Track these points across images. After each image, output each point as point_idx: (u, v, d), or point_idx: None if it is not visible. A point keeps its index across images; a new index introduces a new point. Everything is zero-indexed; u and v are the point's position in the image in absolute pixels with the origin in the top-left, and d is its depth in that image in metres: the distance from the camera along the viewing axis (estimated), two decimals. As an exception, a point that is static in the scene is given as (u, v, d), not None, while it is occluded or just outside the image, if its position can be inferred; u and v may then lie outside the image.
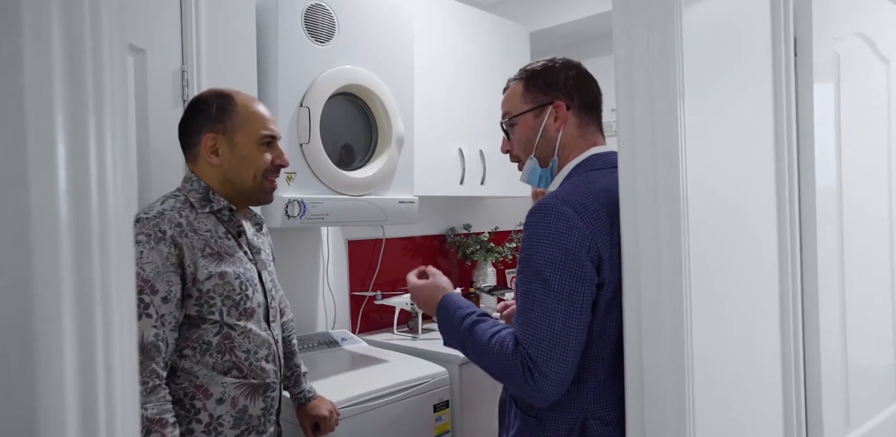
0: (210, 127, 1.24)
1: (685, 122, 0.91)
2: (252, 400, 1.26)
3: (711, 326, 0.97)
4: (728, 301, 1.03)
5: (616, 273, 1.00)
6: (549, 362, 0.96)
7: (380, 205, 1.96)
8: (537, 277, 0.99)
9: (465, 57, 2.49)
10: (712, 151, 1.00)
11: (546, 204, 1.02)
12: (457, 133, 2.45)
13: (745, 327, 1.08)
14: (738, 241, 1.07)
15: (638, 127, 0.94)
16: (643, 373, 0.94)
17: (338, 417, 1.60)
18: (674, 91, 0.89)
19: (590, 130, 1.15)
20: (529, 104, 1.15)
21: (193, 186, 1.26)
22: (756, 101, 1.13)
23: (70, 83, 0.37)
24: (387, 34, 1.99)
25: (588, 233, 0.99)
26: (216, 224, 1.25)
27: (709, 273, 0.97)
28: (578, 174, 1.11)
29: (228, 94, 1.27)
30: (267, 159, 1.27)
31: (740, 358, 1.06)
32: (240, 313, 1.23)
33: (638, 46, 0.93)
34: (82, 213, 0.37)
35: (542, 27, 2.84)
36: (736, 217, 1.07)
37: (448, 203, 2.87)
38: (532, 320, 0.98)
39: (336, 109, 1.87)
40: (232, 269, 1.23)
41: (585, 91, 1.15)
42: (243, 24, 1.57)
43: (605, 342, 1.03)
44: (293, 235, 2.26)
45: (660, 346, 0.92)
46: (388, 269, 2.59)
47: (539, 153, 1.16)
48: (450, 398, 1.98)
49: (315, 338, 2.19)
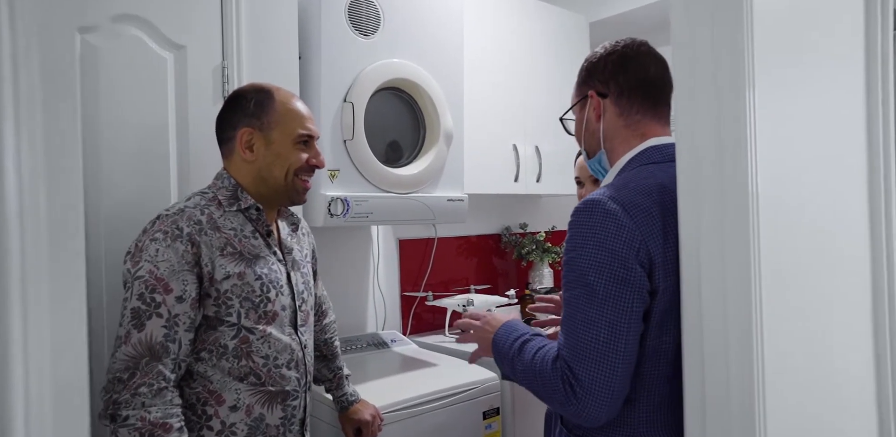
0: (246, 122, 1.20)
1: (755, 114, 0.79)
2: (269, 408, 1.20)
3: (787, 345, 0.84)
4: (808, 317, 0.90)
5: (671, 279, 0.89)
6: (594, 377, 0.86)
7: (427, 203, 1.89)
8: (580, 281, 0.90)
9: (519, 49, 2.39)
10: (790, 145, 0.87)
11: (591, 201, 0.92)
12: (511, 129, 2.36)
13: (830, 348, 0.94)
14: (823, 248, 0.93)
15: (700, 120, 0.82)
16: (705, 399, 0.83)
17: (381, 422, 1.55)
18: (741, 80, 0.77)
19: (635, 118, 1.02)
20: (576, 98, 1.11)
21: (224, 183, 1.23)
22: (845, 87, 0.98)
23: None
24: (435, 26, 1.92)
25: (638, 233, 0.88)
26: (244, 223, 1.21)
27: (783, 285, 0.84)
28: (633, 168, 1.00)
29: (268, 89, 1.23)
30: (302, 158, 1.23)
31: (823, 384, 0.92)
32: (259, 316, 1.18)
33: (700, 31, 0.82)
34: None
35: (602, 17, 2.70)
36: (821, 220, 0.93)
37: (503, 201, 2.78)
38: (574, 330, 0.89)
39: (381, 105, 1.82)
40: (253, 269, 1.18)
41: (627, 73, 1.02)
42: (285, 17, 1.53)
43: (662, 360, 0.92)
44: (342, 233, 2.23)
45: (725, 369, 0.80)
46: (441, 269, 2.52)
47: (586, 146, 1.10)
48: (501, 406, 1.89)
49: (364, 339, 2.15)
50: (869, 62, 1.01)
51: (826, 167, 0.95)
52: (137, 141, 1.31)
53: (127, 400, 1.03)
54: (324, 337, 1.53)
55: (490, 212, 2.73)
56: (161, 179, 1.35)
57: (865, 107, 1.01)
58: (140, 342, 1.05)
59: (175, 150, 1.37)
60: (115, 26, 1.28)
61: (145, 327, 1.06)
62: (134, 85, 1.30)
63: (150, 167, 1.34)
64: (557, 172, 2.50)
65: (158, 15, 1.33)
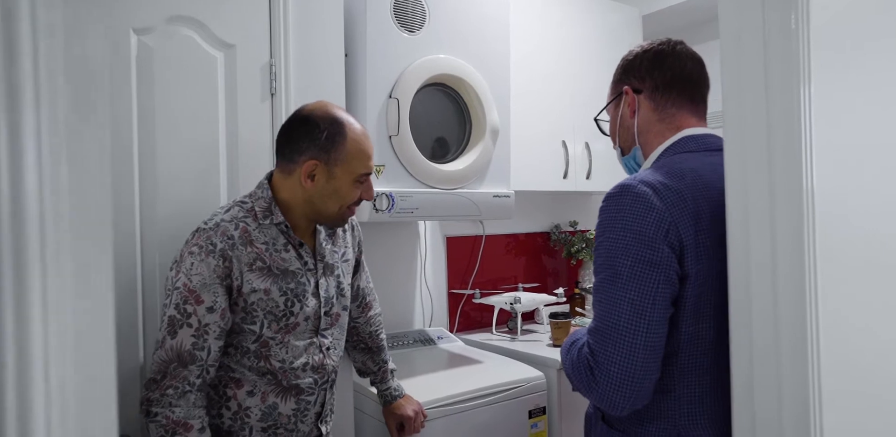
0: (314, 154, 1.21)
1: (811, 109, 0.74)
2: (283, 399, 1.26)
3: (846, 344, 0.79)
4: (873, 310, 0.84)
5: (704, 264, 0.87)
6: (612, 357, 0.85)
7: (473, 199, 1.88)
8: (607, 264, 0.89)
9: (567, 43, 2.35)
10: (855, 140, 0.81)
11: (622, 185, 0.92)
12: (559, 125, 2.33)
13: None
14: (887, 247, 0.87)
15: (749, 115, 0.78)
16: (754, 394, 0.79)
17: (424, 418, 1.55)
18: (796, 72, 0.73)
19: (670, 111, 1.03)
20: (611, 96, 1.12)
21: (262, 194, 1.25)
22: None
23: None
24: (481, 20, 1.91)
25: (668, 215, 0.86)
26: (276, 236, 1.25)
27: (843, 285, 0.78)
28: (668, 156, 0.99)
29: (342, 122, 1.23)
30: (356, 194, 1.26)
31: (890, 394, 0.86)
32: (280, 327, 1.24)
33: (750, 17, 0.78)
34: None
35: (655, 9, 2.62)
36: (887, 219, 0.87)
37: (553, 199, 2.74)
38: (598, 312, 0.89)
39: (427, 100, 1.82)
40: (279, 285, 1.22)
41: (663, 70, 1.03)
42: (331, 15, 1.55)
43: (699, 348, 0.90)
44: (389, 229, 2.25)
45: (776, 361, 0.76)
46: (488, 267, 2.51)
47: (621, 142, 1.10)
48: (547, 405, 1.86)
49: (411, 335, 2.16)
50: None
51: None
52: (189, 138, 1.35)
53: (157, 399, 1.13)
54: (368, 330, 1.54)
55: (539, 210, 2.70)
56: (212, 177, 1.39)
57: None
58: (171, 349, 1.14)
59: (225, 146, 1.40)
60: (169, 27, 1.32)
61: (177, 335, 1.14)
62: (186, 83, 1.35)
63: (202, 164, 1.38)
64: (608, 170, 2.45)
65: (210, 15, 1.37)
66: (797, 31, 0.75)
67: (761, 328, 0.78)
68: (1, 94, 0.32)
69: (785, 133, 0.76)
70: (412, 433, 1.54)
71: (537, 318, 2.50)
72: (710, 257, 0.87)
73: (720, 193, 0.87)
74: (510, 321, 2.36)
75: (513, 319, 2.34)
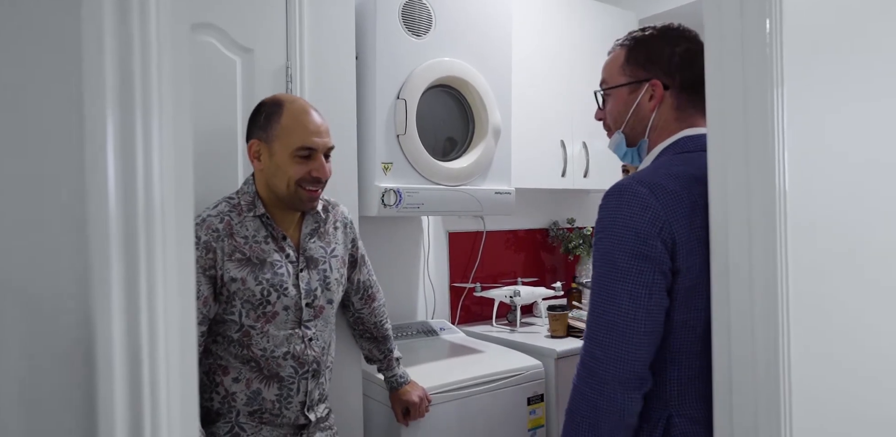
0: (256, 133, 1.31)
1: (784, 111, 0.83)
2: (266, 386, 1.33)
3: (812, 328, 0.88)
4: (834, 304, 0.93)
5: (695, 259, 0.94)
6: (610, 345, 0.92)
7: (476, 195, 1.97)
8: (605, 259, 0.95)
9: (567, 46, 2.44)
10: (826, 142, 0.90)
11: (620, 185, 0.97)
12: (558, 125, 2.41)
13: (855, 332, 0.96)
14: (855, 245, 0.95)
15: (729, 117, 0.86)
16: (732, 374, 0.88)
17: (428, 403, 1.64)
18: (769, 77, 0.81)
19: (689, 112, 1.05)
20: (627, 77, 1.08)
21: (247, 189, 1.34)
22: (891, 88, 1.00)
23: (120, 77, 0.40)
24: (484, 25, 1.99)
25: (663, 214, 0.93)
26: (258, 228, 1.32)
27: (814, 275, 0.87)
28: (666, 156, 1.05)
29: (282, 102, 1.30)
30: (300, 171, 1.29)
31: (851, 364, 0.95)
32: (258, 315, 1.30)
33: (729, 26, 0.86)
34: (130, 204, 0.41)
35: (651, 13, 2.71)
36: (855, 217, 0.96)
37: (551, 196, 2.83)
38: (598, 305, 0.95)
39: (433, 101, 1.91)
40: (255, 275, 1.29)
41: (693, 70, 1.02)
42: (343, 20, 1.63)
43: (687, 337, 0.97)
44: (394, 224, 2.33)
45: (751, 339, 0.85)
46: (489, 262, 2.59)
47: (629, 130, 1.10)
48: (545, 392, 1.95)
49: (414, 327, 2.24)
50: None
51: (868, 169, 0.97)
52: (207, 141, 1.43)
53: None
54: (373, 320, 1.61)
55: (538, 207, 2.78)
56: (229, 178, 1.47)
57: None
58: None
59: (241, 148, 1.48)
60: (192, 34, 1.40)
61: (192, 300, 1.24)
62: (206, 87, 1.43)
63: (220, 163, 1.46)
64: (605, 168, 2.53)
65: (229, 22, 1.45)
66: (772, 35, 0.82)
67: (738, 312, 0.87)
68: (114, 101, 0.40)
69: (760, 132, 0.84)
70: (417, 417, 1.62)
71: (535, 311, 2.58)
72: (701, 253, 0.93)
73: None
74: (510, 314, 2.44)
75: (512, 311, 2.42)
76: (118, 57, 0.40)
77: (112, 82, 0.39)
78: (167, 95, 0.41)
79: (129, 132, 0.40)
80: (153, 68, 0.41)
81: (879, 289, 0.98)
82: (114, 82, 0.39)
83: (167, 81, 0.42)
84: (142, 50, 0.40)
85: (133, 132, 0.40)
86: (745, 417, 0.86)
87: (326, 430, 1.43)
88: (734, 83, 0.87)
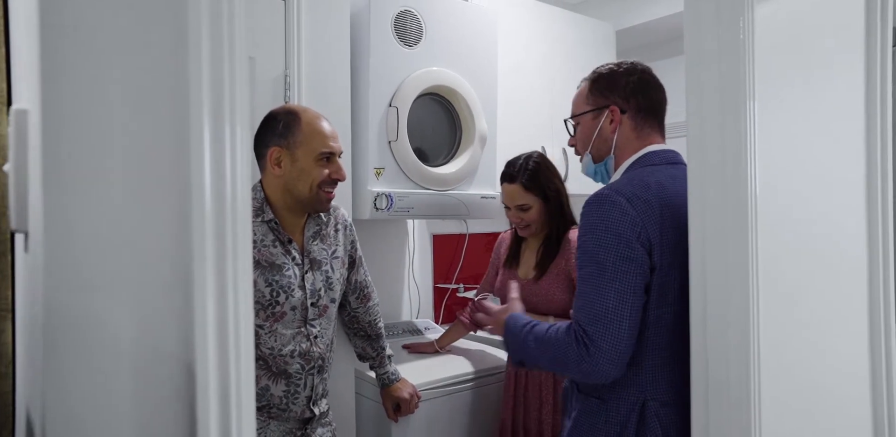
0: (276, 141, 1.36)
1: (755, 120, 0.92)
2: (274, 382, 1.38)
3: (782, 326, 0.98)
4: (799, 306, 1.03)
5: (667, 258, 1.06)
6: (604, 337, 1.03)
7: (462, 200, 2.04)
8: (592, 260, 1.07)
9: (549, 57, 2.53)
10: (791, 149, 1.00)
11: (601, 194, 1.10)
12: (540, 132, 2.49)
13: (820, 331, 1.07)
14: (817, 240, 1.06)
15: (707, 125, 0.96)
16: (708, 366, 0.97)
17: (418, 400, 1.70)
18: (742, 88, 0.91)
19: (646, 131, 1.21)
20: (590, 106, 1.25)
21: (256, 195, 1.39)
22: (846, 99, 1.11)
23: (213, 92, 0.46)
24: (472, 37, 2.07)
25: (639, 220, 1.05)
26: (266, 232, 1.38)
27: (779, 273, 0.97)
28: (635, 169, 1.18)
29: (296, 111, 1.38)
30: (323, 173, 1.37)
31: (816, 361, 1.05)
32: (267, 315, 1.36)
33: (707, 41, 0.95)
34: (220, 202, 0.48)
35: (628, 25, 2.82)
36: (816, 216, 1.06)
37: (531, 200, 2.91)
38: (588, 300, 1.06)
39: (422, 109, 1.98)
40: (265, 277, 1.35)
41: (645, 96, 1.21)
42: (338, 31, 1.69)
43: (661, 329, 1.09)
44: (381, 227, 2.39)
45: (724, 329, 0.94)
46: (471, 263, 2.67)
47: (595, 151, 1.26)
48: (526, 389, 2.03)
49: (400, 326, 2.31)
50: (869, 76, 1.13)
51: (825, 175, 1.08)
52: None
53: None
54: (367, 319, 1.67)
55: (518, 210, 2.86)
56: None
57: (865, 119, 1.13)
58: None
59: (251, 153, 1.53)
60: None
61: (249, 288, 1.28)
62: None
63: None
64: (583, 174, 2.62)
65: (231, 30, 1.50)
66: (743, 54, 0.91)
67: (714, 306, 0.96)
68: (209, 113, 0.47)
69: (734, 142, 0.93)
70: (407, 413, 1.68)
71: (516, 311, 2.66)
72: (672, 253, 1.06)
73: (680, 200, 1.06)
74: (491, 314, 2.52)
75: (494, 312, 2.49)
76: (211, 77, 0.46)
77: (208, 97, 0.46)
78: (242, 108, 0.48)
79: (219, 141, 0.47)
80: (236, 85, 0.48)
81: (834, 274, 1.11)
82: (209, 97, 0.46)
83: (240, 95, 0.48)
84: (230, 69, 0.47)
85: (223, 143, 0.47)
86: (720, 404, 0.96)
87: (327, 425, 1.49)
88: (711, 96, 0.95)
